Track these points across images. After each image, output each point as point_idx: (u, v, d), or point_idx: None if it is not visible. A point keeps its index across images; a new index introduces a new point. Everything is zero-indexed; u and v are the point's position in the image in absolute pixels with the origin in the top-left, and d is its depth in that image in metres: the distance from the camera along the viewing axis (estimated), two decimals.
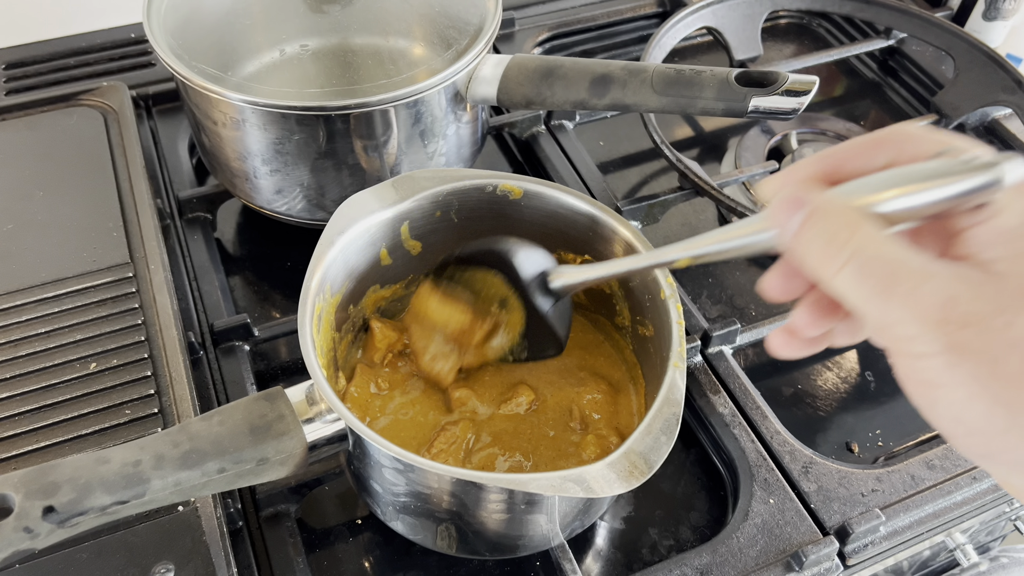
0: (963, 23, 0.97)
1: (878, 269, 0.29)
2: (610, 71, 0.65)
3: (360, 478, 0.50)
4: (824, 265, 0.31)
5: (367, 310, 0.59)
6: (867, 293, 0.30)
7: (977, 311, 0.27)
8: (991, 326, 0.27)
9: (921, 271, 0.29)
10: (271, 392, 0.46)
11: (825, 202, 0.32)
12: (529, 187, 0.56)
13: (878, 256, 0.30)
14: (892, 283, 0.29)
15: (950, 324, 0.28)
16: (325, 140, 0.63)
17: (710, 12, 0.87)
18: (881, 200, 0.31)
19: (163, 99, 0.83)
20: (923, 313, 0.28)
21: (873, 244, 0.30)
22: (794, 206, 0.32)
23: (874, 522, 0.54)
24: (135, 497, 0.41)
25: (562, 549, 0.53)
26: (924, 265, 0.29)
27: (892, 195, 0.31)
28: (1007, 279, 0.28)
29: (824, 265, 0.31)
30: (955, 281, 0.28)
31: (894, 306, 0.29)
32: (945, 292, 0.28)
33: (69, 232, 0.63)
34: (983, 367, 0.27)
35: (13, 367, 0.55)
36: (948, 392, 0.28)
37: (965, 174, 0.30)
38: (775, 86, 0.61)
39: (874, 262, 0.29)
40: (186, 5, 0.68)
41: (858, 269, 0.30)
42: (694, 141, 0.89)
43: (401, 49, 0.69)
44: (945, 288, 0.28)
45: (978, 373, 0.27)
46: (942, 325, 0.28)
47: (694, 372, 0.63)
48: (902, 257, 0.29)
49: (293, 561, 0.52)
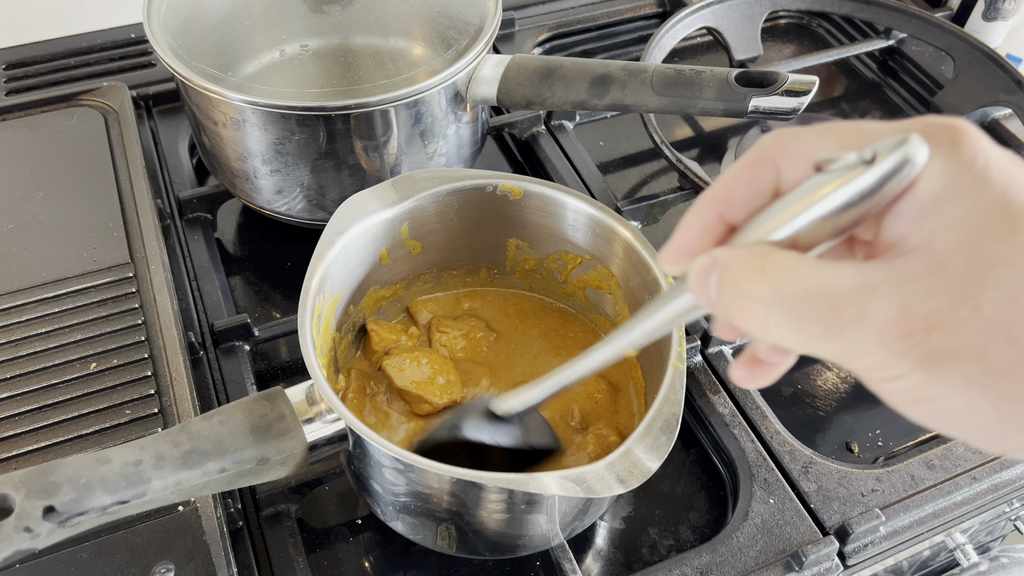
0: (963, 23, 0.97)
1: (809, 306, 0.25)
2: (610, 71, 0.65)
3: (360, 478, 0.50)
4: (749, 320, 0.27)
5: (367, 310, 0.59)
6: (810, 335, 0.26)
7: (937, 309, 0.24)
8: (959, 319, 0.24)
9: (857, 289, 0.25)
10: (271, 392, 0.46)
11: (727, 256, 0.28)
12: (529, 187, 0.56)
13: (802, 291, 0.26)
14: (833, 315, 0.25)
15: (916, 335, 0.24)
16: (325, 140, 0.63)
17: (710, 12, 0.87)
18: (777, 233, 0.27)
19: (163, 99, 0.83)
20: (881, 334, 0.24)
21: (790, 278, 0.26)
22: (707, 273, 0.28)
23: (874, 522, 0.54)
24: (136, 497, 0.41)
25: (562, 549, 0.53)
26: (858, 279, 0.25)
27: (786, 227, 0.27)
28: (952, 256, 0.24)
29: (749, 320, 0.27)
30: (900, 285, 0.24)
31: (847, 338, 0.25)
32: (894, 303, 0.24)
33: (69, 232, 0.63)
34: (972, 365, 0.24)
35: (13, 367, 0.55)
36: (945, 403, 0.25)
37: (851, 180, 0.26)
38: (775, 86, 0.61)
39: (800, 300, 0.26)
40: (186, 5, 0.68)
41: (787, 313, 0.26)
42: (694, 141, 0.89)
43: (401, 49, 0.69)
44: (892, 299, 0.24)
45: (970, 374, 0.24)
46: (907, 339, 0.24)
47: (694, 372, 0.63)
48: (829, 281, 0.25)
49: (293, 561, 0.52)
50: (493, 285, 0.63)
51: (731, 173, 0.29)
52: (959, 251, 0.24)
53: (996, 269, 0.24)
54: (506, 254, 0.61)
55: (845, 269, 0.25)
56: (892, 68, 0.97)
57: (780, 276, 0.26)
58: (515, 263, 0.61)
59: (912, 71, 0.95)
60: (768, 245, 0.27)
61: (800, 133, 0.28)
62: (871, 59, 0.98)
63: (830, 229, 0.27)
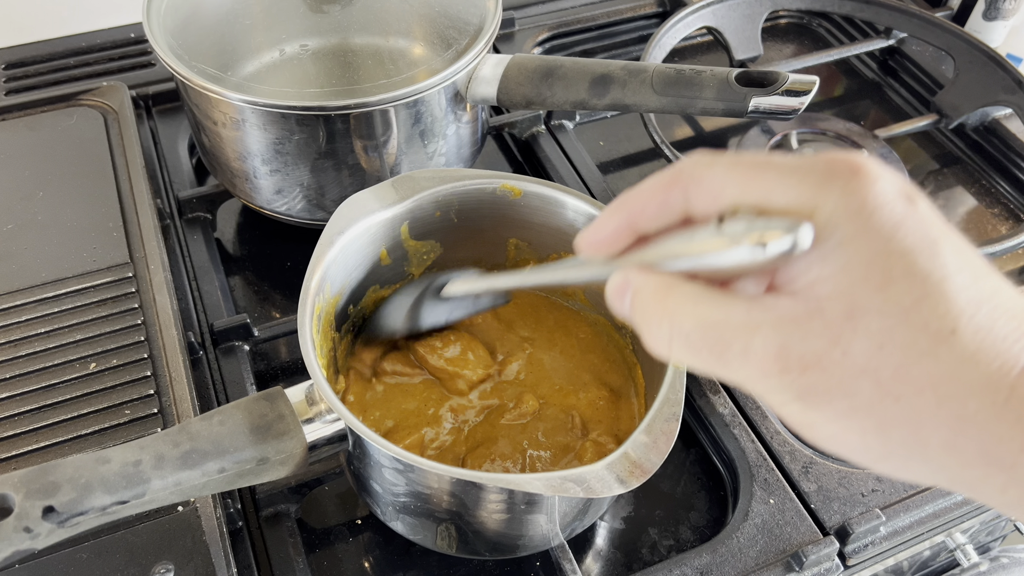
0: (963, 23, 0.97)
1: (702, 340, 0.28)
2: (610, 71, 0.65)
3: (360, 478, 0.50)
4: (657, 347, 0.30)
5: (367, 310, 0.59)
6: (704, 364, 0.29)
7: (811, 351, 0.26)
8: (830, 362, 0.26)
9: (744, 326, 0.27)
10: (271, 392, 0.46)
11: (638, 283, 0.30)
12: (529, 187, 0.56)
13: (696, 326, 0.28)
14: (721, 349, 0.28)
15: (791, 372, 0.27)
16: (325, 140, 0.63)
17: (710, 12, 0.87)
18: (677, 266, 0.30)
19: (163, 99, 0.83)
20: (763, 369, 0.27)
21: (686, 313, 0.29)
22: (623, 287, 0.31)
23: (874, 522, 0.54)
24: (135, 497, 0.41)
25: (562, 549, 0.53)
26: (746, 318, 0.27)
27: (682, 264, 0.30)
28: (830, 303, 0.26)
29: (657, 347, 0.30)
30: (781, 326, 0.27)
31: (734, 369, 0.28)
32: (775, 342, 0.27)
33: (69, 232, 0.63)
34: (838, 404, 0.26)
35: (13, 367, 0.55)
36: (821, 429, 0.28)
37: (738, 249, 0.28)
38: (775, 86, 0.61)
39: (694, 334, 0.28)
40: (186, 5, 0.68)
41: (684, 344, 0.29)
42: (694, 141, 0.89)
43: (401, 49, 0.69)
44: (773, 338, 0.27)
45: (839, 409, 0.27)
46: (784, 375, 0.27)
47: (694, 372, 0.63)
48: (720, 318, 0.28)
49: (293, 561, 0.52)
50: None
51: (646, 189, 0.31)
52: (836, 299, 0.26)
53: (867, 318, 0.26)
54: (506, 254, 0.61)
55: (736, 307, 0.28)
56: (892, 68, 0.97)
57: (678, 312, 0.29)
58: (515, 263, 0.61)
59: (912, 71, 0.94)
60: (673, 277, 0.30)
61: (712, 165, 0.30)
62: (871, 59, 0.98)
63: (726, 274, 0.30)
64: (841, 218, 0.26)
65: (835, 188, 0.27)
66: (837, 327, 0.26)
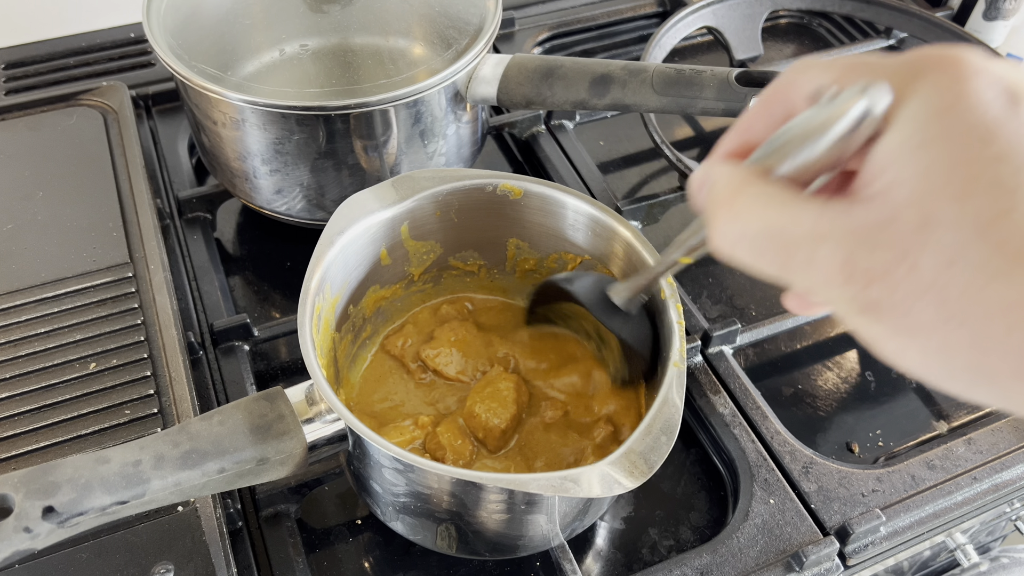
0: (963, 23, 0.97)
1: (767, 245, 0.27)
2: (610, 71, 0.65)
3: (360, 478, 0.50)
4: (722, 245, 0.29)
5: (367, 310, 0.59)
6: (767, 269, 0.28)
7: (877, 264, 0.25)
8: (896, 277, 0.24)
9: (812, 234, 0.26)
10: (271, 392, 0.46)
11: (715, 175, 0.30)
12: (529, 187, 0.56)
13: (763, 229, 0.27)
14: (786, 256, 0.27)
15: (855, 285, 0.25)
16: (325, 140, 0.63)
17: (710, 12, 0.87)
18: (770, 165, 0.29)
19: (163, 99, 0.83)
20: (826, 279, 0.26)
21: (756, 216, 0.28)
22: (703, 179, 0.31)
23: (874, 522, 0.54)
24: (135, 497, 0.41)
25: (562, 549, 0.53)
26: (814, 225, 0.26)
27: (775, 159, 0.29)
28: (905, 211, 0.24)
29: (722, 245, 0.29)
30: (849, 237, 0.25)
31: (798, 277, 0.27)
32: (841, 253, 0.25)
33: (69, 232, 0.63)
34: (900, 321, 0.25)
35: (13, 367, 0.55)
36: (884, 345, 0.26)
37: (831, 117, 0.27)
38: None
39: (760, 238, 0.27)
40: (186, 5, 0.68)
41: (748, 248, 0.28)
42: (694, 141, 0.89)
43: (401, 49, 0.69)
44: (839, 249, 0.25)
45: (898, 328, 0.25)
46: (848, 287, 0.25)
47: (694, 372, 0.63)
48: (789, 223, 0.27)
49: (293, 561, 0.52)
50: (493, 285, 0.63)
51: (752, 108, 0.32)
52: (911, 207, 0.24)
53: (940, 231, 0.24)
54: (506, 254, 0.61)
55: (807, 212, 0.26)
56: None
57: (745, 212, 0.28)
58: (515, 263, 0.61)
59: None
60: (752, 174, 0.29)
61: (807, 68, 0.29)
62: None
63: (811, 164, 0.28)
64: (927, 116, 0.24)
65: (924, 82, 0.25)
66: (907, 239, 0.24)
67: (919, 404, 0.66)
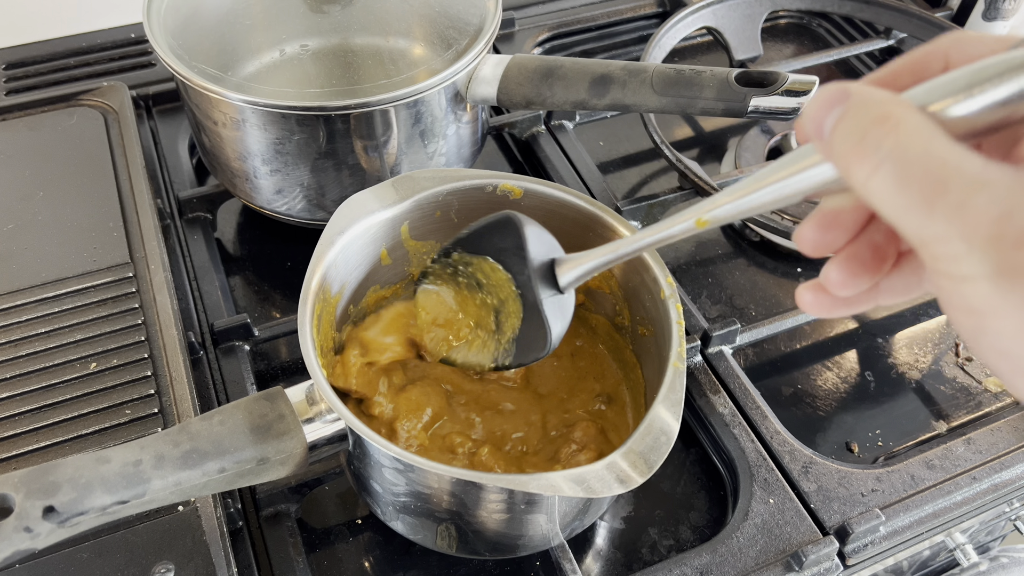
0: (963, 23, 0.97)
1: (921, 173, 0.24)
2: (610, 71, 0.65)
3: (360, 478, 0.50)
4: (856, 165, 0.26)
5: (367, 310, 0.59)
6: (905, 202, 0.25)
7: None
8: None
9: (974, 179, 0.24)
10: (271, 392, 0.46)
11: (865, 92, 0.27)
12: (529, 187, 0.56)
13: (922, 157, 0.24)
14: (937, 192, 0.24)
15: (1003, 242, 0.23)
16: (325, 140, 0.63)
17: (710, 12, 0.87)
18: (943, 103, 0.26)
19: (163, 99, 0.83)
20: (971, 229, 0.23)
21: (917, 141, 0.25)
22: (831, 102, 0.27)
23: (874, 522, 0.54)
24: (135, 497, 0.41)
25: (562, 549, 0.53)
26: (979, 171, 0.24)
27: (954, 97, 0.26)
28: None
29: (856, 165, 0.26)
30: (1016, 191, 0.23)
31: (937, 219, 0.24)
32: (1001, 205, 0.23)
33: (69, 232, 0.63)
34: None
35: (13, 367, 0.55)
36: (995, 322, 0.24)
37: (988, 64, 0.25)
38: (775, 86, 0.61)
39: (916, 164, 0.24)
40: (186, 5, 0.68)
41: (896, 172, 0.25)
42: (694, 141, 0.89)
43: (401, 49, 0.69)
44: (1001, 200, 0.23)
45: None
46: (993, 243, 0.23)
47: (694, 372, 0.63)
48: (953, 160, 0.24)
49: (293, 561, 0.52)
50: None
51: (898, 61, 0.28)
52: None
53: None
54: None
55: (973, 158, 0.24)
56: None
57: (908, 133, 0.25)
58: None
59: None
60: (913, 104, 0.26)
61: (982, 37, 0.27)
62: (871, 59, 0.98)
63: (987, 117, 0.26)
64: None
65: None
66: None
67: (919, 404, 0.66)
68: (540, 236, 0.46)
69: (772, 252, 0.77)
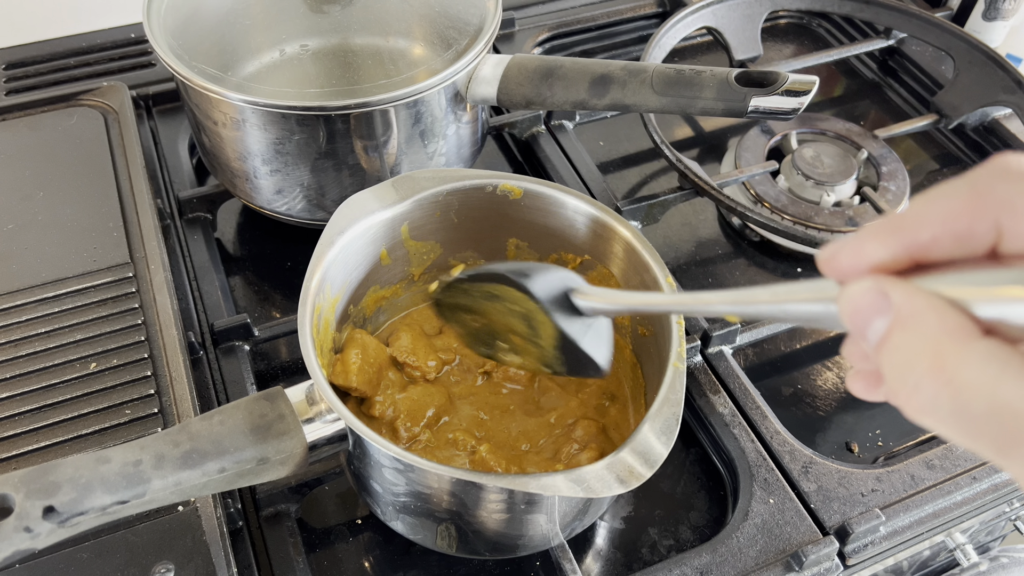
0: (963, 23, 0.97)
1: (988, 425, 0.21)
2: (610, 71, 0.65)
3: (360, 478, 0.50)
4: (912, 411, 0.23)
5: (367, 310, 0.59)
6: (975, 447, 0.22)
7: None
8: None
9: None
10: (271, 392, 0.46)
11: (913, 309, 0.23)
12: (529, 187, 0.56)
13: (990, 409, 0.21)
14: (1011, 444, 0.21)
15: None
16: (325, 140, 0.63)
17: (710, 12, 0.87)
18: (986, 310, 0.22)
19: (163, 99, 0.83)
20: None
21: (979, 388, 0.21)
22: (876, 307, 0.24)
23: (874, 522, 0.54)
24: (135, 497, 0.41)
25: (562, 549, 0.53)
26: None
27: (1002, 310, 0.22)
28: None
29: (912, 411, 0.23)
30: None
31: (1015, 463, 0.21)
32: None
33: (69, 232, 0.63)
34: None
35: (13, 367, 0.55)
36: None
37: None
38: (775, 86, 0.61)
39: (983, 422, 0.21)
40: (186, 5, 0.68)
41: (959, 425, 0.22)
42: (694, 141, 0.89)
43: (401, 49, 0.69)
44: None
45: None
46: None
47: (694, 372, 0.63)
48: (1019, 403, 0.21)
49: (293, 561, 0.52)
50: None
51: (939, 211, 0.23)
52: None
53: None
54: (506, 254, 0.61)
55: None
56: (892, 68, 0.97)
57: (967, 384, 0.21)
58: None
59: (912, 71, 0.94)
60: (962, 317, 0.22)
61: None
62: (871, 59, 0.98)
63: None
64: None
65: None
66: None
67: None
68: (544, 274, 0.43)
69: (772, 252, 0.77)
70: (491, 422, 0.55)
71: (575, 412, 0.56)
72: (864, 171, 0.80)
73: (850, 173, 0.77)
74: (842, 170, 0.77)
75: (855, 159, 0.79)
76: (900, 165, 0.80)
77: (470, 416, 0.56)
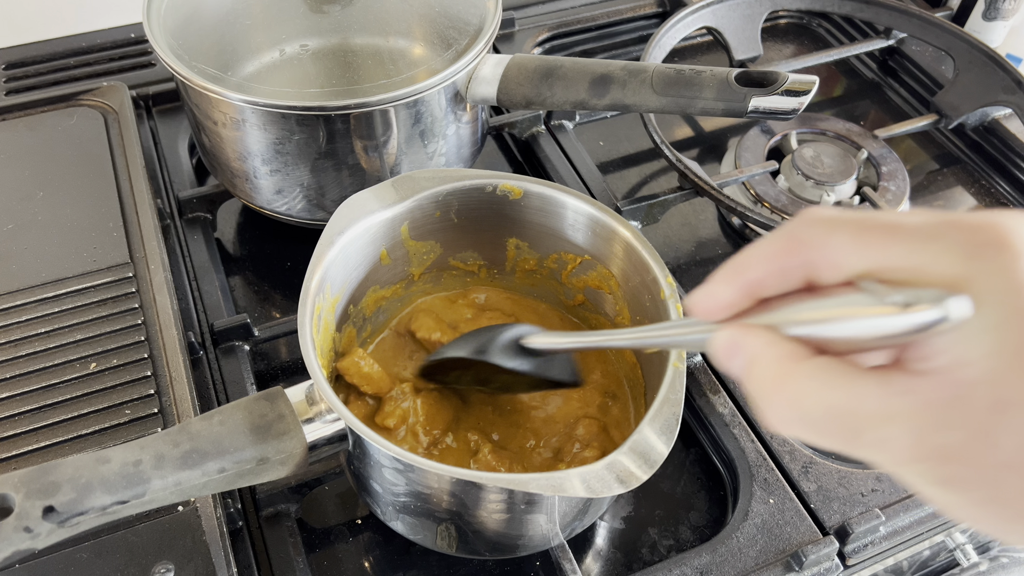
0: (963, 23, 0.97)
1: (829, 426, 0.26)
2: (610, 71, 0.65)
3: (360, 478, 0.50)
4: (774, 424, 0.28)
5: (367, 310, 0.59)
6: (831, 446, 0.27)
7: (952, 443, 0.24)
8: (972, 454, 0.24)
9: (878, 415, 0.25)
10: (271, 392, 0.46)
11: (753, 350, 0.28)
12: (529, 187, 0.56)
13: (824, 413, 0.26)
14: (852, 437, 0.26)
15: (928, 462, 0.25)
16: (325, 140, 0.63)
17: (710, 12, 0.87)
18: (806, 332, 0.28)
19: (163, 99, 0.83)
20: (897, 457, 0.26)
21: (814, 399, 0.26)
22: (732, 351, 0.29)
23: (874, 522, 0.54)
24: (135, 497, 0.41)
25: (562, 549, 0.53)
26: (880, 405, 0.25)
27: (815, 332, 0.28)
28: (976, 390, 0.24)
29: (774, 424, 0.28)
30: (919, 415, 0.25)
31: (864, 454, 0.26)
32: (911, 434, 0.25)
33: (69, 232, 0.63)
34: (978, 493, 0.25)
35: (13, 367, 0.55)
36: (960, 511, 0.26)
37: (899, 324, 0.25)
38: (775, 86, 0.61)
39: (823, 422, 0.26)
40: (186, 5, 0.68)
41: (807, 428, 0.27)
42: (694, 141, 0.89)
43: (401, 49, 0.69)
44: (910, 429, 0.25)
45: (976, 499, 0.25)
46: (922, 462, 0.25)
47: (694, 372, 0.63)
48: (853, 404, 0.26)
49: (293, 561, 0.52)
50: (493, 285, 0.63)
51: (761, 255, 0.29)
52: (984, 387, 0.24)
53: (1018, 411, 0.24)
54: (506, 254, 0.61)
55: (869, 391, 0.26)
56: (892, 68, 0.97)
57: (804, 397, 0.27)
58: (515, 263, 0.61)
59: (912, 71, 0.94)
60: (793, 345, 0.27)
61: (833, 229, 0.27)
62: (871, 59, 0.98)
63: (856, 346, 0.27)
64: (995, 297, 0.24)
65: (986, 262, 0.24)
66: (982, 418, 0.24)
67: None
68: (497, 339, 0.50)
69: None
70: (492, 421, 0.55)
71: (577, 411, 0.56)
72: (864, 171, 0.80)
73: (850, 173, 0.77)
74: (842, 170, 0.77)
75: (855, 159, 0.79)
76: (900, 165, 0.80)
77: (480, 415, 0.56)
